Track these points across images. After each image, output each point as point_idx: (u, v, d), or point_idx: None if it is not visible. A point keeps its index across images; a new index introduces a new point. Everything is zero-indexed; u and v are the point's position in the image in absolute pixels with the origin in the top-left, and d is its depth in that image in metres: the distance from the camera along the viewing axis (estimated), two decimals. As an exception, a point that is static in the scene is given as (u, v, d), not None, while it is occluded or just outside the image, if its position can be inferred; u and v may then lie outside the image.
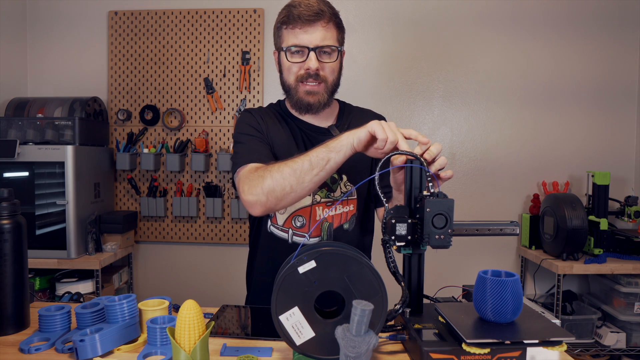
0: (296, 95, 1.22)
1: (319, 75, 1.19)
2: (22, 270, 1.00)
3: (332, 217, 1.25)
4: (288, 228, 1.24)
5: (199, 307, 0.78)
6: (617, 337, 2.19)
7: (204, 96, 2.62)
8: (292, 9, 1.17)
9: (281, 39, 1.21)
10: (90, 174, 2.34)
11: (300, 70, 1.19)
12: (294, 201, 1.05)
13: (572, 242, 2.14)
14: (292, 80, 1.21)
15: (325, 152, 0.99)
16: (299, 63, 1.18)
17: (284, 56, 1.20)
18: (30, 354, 0.87)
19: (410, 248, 0.91)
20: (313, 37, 1.16)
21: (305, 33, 1.16)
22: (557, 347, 0.76)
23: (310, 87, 1.19)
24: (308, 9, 1.15)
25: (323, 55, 1.18)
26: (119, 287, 2.50)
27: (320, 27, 1.16)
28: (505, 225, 0.92)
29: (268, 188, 1.02)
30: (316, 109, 1.23)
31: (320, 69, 1.18)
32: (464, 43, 2.57)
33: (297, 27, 1.16)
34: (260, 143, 1.20)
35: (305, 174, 1.00)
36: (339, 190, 1.25)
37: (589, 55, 2.55)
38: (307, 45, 1.16)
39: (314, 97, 1.20)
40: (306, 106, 1.22)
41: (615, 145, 2.56)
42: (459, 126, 2.60)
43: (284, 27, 1.19)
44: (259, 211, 1.06)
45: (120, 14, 2.63)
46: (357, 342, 0.71)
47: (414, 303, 0.94)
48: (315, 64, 1.17)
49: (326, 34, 1.17)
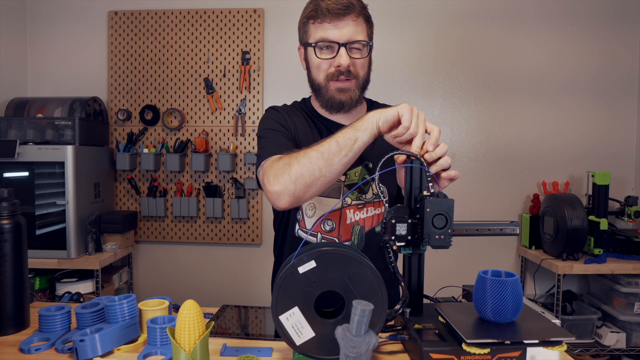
0: (327, 94, 1.16)
1: (351, 72, 1.13)
2: (22, 270, 1.00)
3: (363, 220, 1.20)
4: (317, 232, 1.20)
5: (199, 307, 0.78)
6: (617, 337, 2.19)
7: (204, 96, 2.62)
8: (320, 2, 1.11)
9: (308, 34, 1.16)
10: (90, 174, 2.34)
11: (331, 68, 1.13)
12: (324, 187, 0.99)
13: (572, 242, 2.14)
14: (322, 78, 1.16)
15: (352, 131, 0.96)
16: (328, 59, 1.13)
17: (312, 52, 1.14)
18: (30, 354, 0.87)
19: (410, 248, 0.91)
20: (343, 32, 1.10)
21: (335, 28, 1.10)
22: (557, 347, 0.76)
23: (341, 84, 1.14)
24: (337, 3, 1.09)
25: (353, 51, 1.13)
26: (119, 287, 2.50)
27: (350, 20, 1.10)
28: (505, 225, 0.92)
29: (296, 174, 0.96)
30: (348, 107, 1.18)
31: (351, 65, 1.12)
32: (464, 43, 2.57)
33: (326, 21, 1.10)
34: (286, 138, 1.15)
35: (334, 156, 0.95)
36: (370, 192, 1.21)
37: (589, 51, 2.55)
38: (337, 40, 1.11)
39: (345, 95, 1.15)
40: (338, 104, 1.17)
41: (616, 140, 2.55)
42: (459, 126, 2.60)
43: (310, 22, 1.14)
44: (286, 201, 0.98)
45: (120, 14, 2.63)
46: (357, 342, 0.70)
47: (414, 303, 0.94)
48: (347, 60, 1.11)
49: (357, 28, 1.11)
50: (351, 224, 1.19)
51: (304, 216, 1.20)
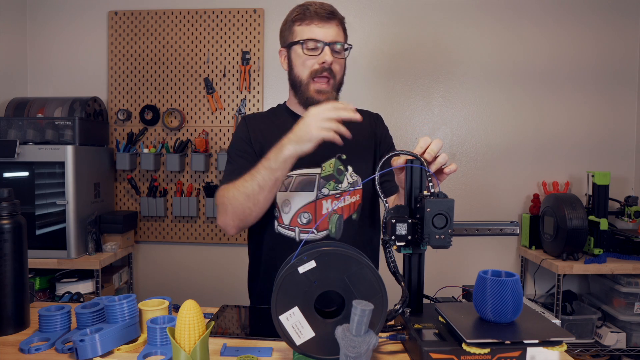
0: (307, 93, 1.26)
1: (332, 70, 1.24)
2: (22, 270, 1.00)
3: (341, 209, 1.27)
4: (294, 226, 1.25)
5: (199, 307, 0.78)
6: (617, 337, 2.19)
7: (204, 96, 2.62)
8: (307, 6, 1.24)
9: (293, 35, 1.26)
10: (90, 174, 2.34)
11: (315, 65, 1.23)
12: (259, 216, 1.18)
13: (572, 242, 2.14)
14: (305, 75, 1.25)
15: (269, 173, 1.10)
16: (314, 56, 1.23)
17: (298, 50, 1.25)
18: (30, 354, 0.87)
19: (410, 248, 0.91)
20: (328, 32, 1.23)
21: (322, 29, 1.23)
22: (557, 347, 0.76)
23: (320, 85, 1.25)
24: (323, 8, 1.24)
25: (335, 52, 1.25)
26: (119, 287, 2.50)
27: (334, 25, 1.25)
28: (505, 225, 0.92)
29: (232, 213, 1.17)
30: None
31: (333, 63, 1.24)
32: (464, 43, 2.57)
33: (314, 23, 1.23)
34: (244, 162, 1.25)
35: (258, 195, 1.12)
36: (345, 181, 1.28)
37: (589, 48, 2.54)
38: (322, 39, 1.22)
39: (323, 96, 1.25)
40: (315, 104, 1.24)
41: (616, 139, 2.55)
42: (459, 126, 2.60)
43: (297, 24, 1.25)
44: (232, 232, 1.20)
45: (120, 14, 2.63)
46: (357, 342, 0.71)
47: (414, 303, 0.94)
48: (331, 57, 1.22)
49: (338, 32, 1.26)
50: (327, 214, 1.26)
51: (281, 212, 1.27)
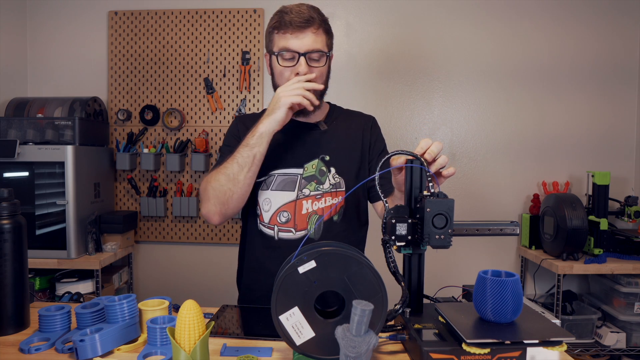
0: None
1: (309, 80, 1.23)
2: (22, 270, 1.00)
3: (322, 210, 1.28)
4: (273, 225, 1.27)
5: (199, 307, 0.78)
6: (617, 337, 2.19)
7: (204, 96, 2.62)
8: (283, 14, 1.22)
9: (272, 43, 1.25)
10: (90, 174, 2.34)
11: (291, 75, 1.23)
12: (241, 199, 1.19)
13: (572, 242, 2.14)
14: (283, 84, 1.24)
15: (247, 150, 1.15)
16: (290, 67, 1.23)
17: (275, 60, 1.25)
18: (30, 354, 0.87)
19: (410, 248, 0.91)
20: (303, 42, 1.21)
21: (296, 38, 1.21)
22: (557, 347, 0.76)
23: None
24: (299, 16, 1.20)
25: (312, 61, 1.23)
26: (119, 287, 2.50)
27: (310, 33, 1.21)
28: (505, 225, 0.92)
29: (213, 198, 1.18)
30: (305, 113, 1.27)
31: (309, 73, 1.22)
32: (464, 43, 2.57)
33: (289, 32, 1.21)
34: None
35: (238, 175, 1.16)
36: (327, 182, 1.28)
37: (589, 46, 2.54)
38: (297, 50, 1.21)
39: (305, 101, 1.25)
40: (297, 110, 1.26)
41: (616, 139, 2.55)
42: (459, 126, 2.60)
43: (275, 32, 1.24)
44: (216, 220, 1.20)
45: (120, 14, 2.63)
46: (357, 342, 0.70)
47: (414, 303, 0.94)
48: (305, 68, 1.21)
49: (316, 39, 1.22)
50: (307, 214, 1.27)
51: (262, 211, 1.29)
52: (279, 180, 1.28)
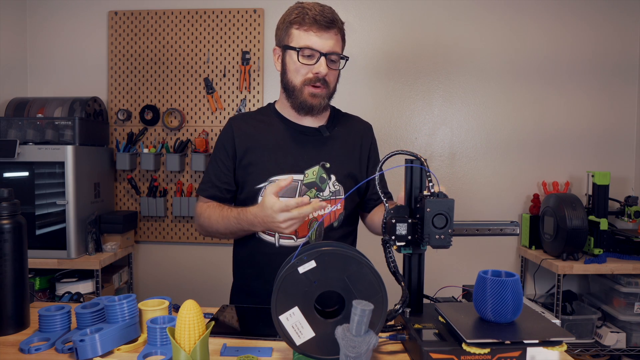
0: (301, 97, 1.25)
1: (326, 81, 1.23)
2: (22, 270, 1.00)
3: (321, 217, 1.28)
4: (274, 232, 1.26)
5: (199, 307, 0.78)
6: (617, 337, 2.19)
7: (204, 96, 2.62)
8: (307, 10, 1.20)
9: (290, 38, 1.23)
10: (90, 174, 2.34)
11: (309, 74, 1.22)
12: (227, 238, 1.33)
13: (572, 242, 2.14)
14: (298, 81, 1.24)
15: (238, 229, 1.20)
16: (308, 65, 1.21)
17: (293, 56, 1.22)
18: (30, 354, 0.87)
19: (410, 248, 0.91)
20: (326, 43, 1.20)
21: (319, 38, 1.19)
22: (557, 347, 0.76)
23: (314, 89, 1.23)
24: (323, 15, 1.19)
25: (330, 62, 1.23)
26: (119, 287, 2.50)
27: (332, 34, 1.21)
28: (505, 225, 0.92)
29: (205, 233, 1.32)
30: (317, 111, 1.28)
31: (327, 74, 1.22)
32: (464, 42, 2.57)
33: (312, 30, 1.19)
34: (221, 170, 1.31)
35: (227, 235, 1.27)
36: (327, 189, 1.28)
37: (589, 44, 2.54)
38: (320, 49, 1.20)
39: (316, 100, 1.25)
40: (309, 108, 1.26)
41: (616, 139, 2.55)
42: (458, 126, 2.60)
43: (294, 27, 1.21)
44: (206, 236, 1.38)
45: (120, 14, 2.63)
46: (357, 342, 0.70)
47: (414, 303, 0.94)
48: (326, 69, 1.21)
49: (337, 42, 1.23)
50: (308, 221, 1.26)
51: None
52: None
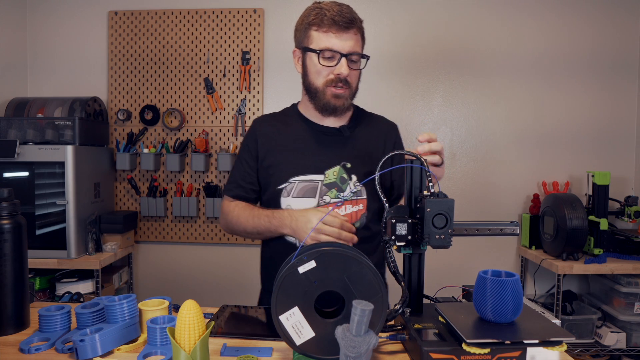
0: (324, 99, 1.24)
1: (347, 81, 1.22)
2: (22, 270, 1.00)
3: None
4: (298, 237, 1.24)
5: (199, 307, 0.78)
6: (617, 337, 2.19)
7: (204, 96, 2.62)
8: (325, 11, 1.18)
9: (309, 40, 1.23)
10: (90, 174, 2.34)
11: (330, 75, 1.22)
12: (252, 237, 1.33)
13: (572, 242, 2.14)
14: (320, 83, 1.24)
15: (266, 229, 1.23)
16: (329, 67, 1.21)
17: (313, 58, 1.22)
18: (30, 354, 0.87)
19: (410, 248, 0.91)
20: (346, 44, 1.19)
21: (339, 39, 1.18)
22: (557, 347, 0.76)
23: (337, 90, 1.23)
24: (342, 16, 1.17)
25: (351, 62, 1.21)
26: (119, 287, 2.50)
27: (352, 34, 1.20)
28: (505, 225, 0.92)
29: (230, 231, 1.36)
30: (340, 112, 1.27)
31: (348, 75, 1.21)
32: (463, 42, 2.57)
33: (332, 31, 1.18)
34: (246, 170, 1.33)
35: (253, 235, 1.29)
36: (348, 189, 1.26)
37: (589, 42, 2.54)
38: (340, 50, 1.19)
39: (339, 101, 1.24)
40: (332, 109, 1.25)
41: (616, 139, 2.55)
42: (458, 126, 2.60)
43: (313, 28, 1.21)
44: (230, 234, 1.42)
45: (120, 14, 2.63)
46: (357, 342, 0.70)
47: (414, 303, 0.94)
48: (347, 70, 1.20)
49: (357, 41, 1.21)
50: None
51: None
52: (300, 187, 1.25)
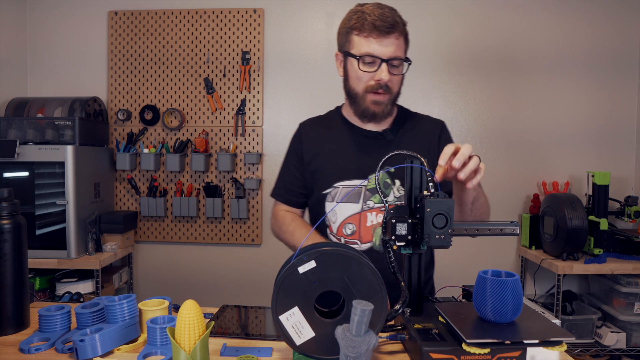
0: (363, 104, 1.24)
1: (388, 87, 1.21)
2: (22, 270, 1.00)
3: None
4: (340, 236, 1.26)
5: (199, 307, 0.78)
6: (617, 337, 2.19)
7: (204, 96, 2.62)
8: (365, 15, 1.16)
9: (350, 44, 1.21)
10: (90, 174, 2.34)
11: (370, 81, 1.20)
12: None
13: (572, 242, 2.14)
14: (360, 89, 1.23)
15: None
16: (370, 73, 1.20)
17: (354, 63, 1.21)
18: (30, 354, 0.87)
19: (410, 248, 0.91)
20: (387, 49, 1.17)
21: (379, 44, 1.16)
22: (557, 347, 0.76)
23: (377, 97, 1.22)
24: (383, 20, 1.15)
25: (393, 68, 1.20)
26: (119, 287, 2.50)
27: (393, 38, 1.17)
28: (505, 225, 0.92)
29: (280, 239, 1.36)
30: (380, 118, 1.26)
31: (389, 80, 1.20)
32: (462, 41, 2.57)
33: (372, 36, 1.16)
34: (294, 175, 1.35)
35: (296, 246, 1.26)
36: (392, 194, 1.26)
37: (589, 40, 2.54)
38: (380, 56, 1.17)
39: (379, 107, 1.23)
40: (371, 115, 1.25)
41: (616, 139, 2.55)
42: (459, 126, 2.60)
43: (354, 33, 1.19)
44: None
45: (120, 14, 2.63)
46: (357, 342, 0.70)
47: (414, 303, 0.94)
48: (387, 76, 1.18)
49: (398, 45, 1.19)
50: (372, 226, 1.25)
51: (330, 222, 1.29)
52: (344, 192, 1.26)
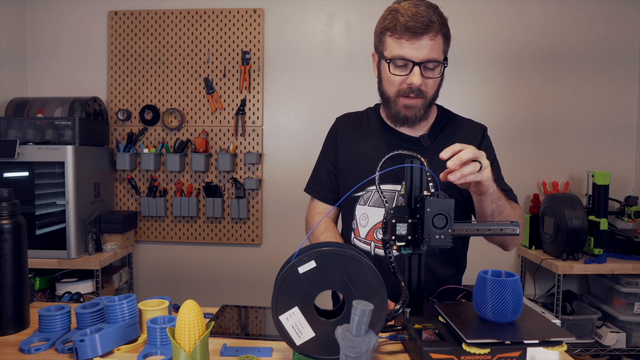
0: (395, 108, 1.20)
1: (421, 91, 1.16)
2: (22, 270, 1.00)
3: None
4: (370, 240, 1.24)
5: (199, 307, 0.78)
6: (617, 337, 2.19)
7: (204, 96, 2.62)
8: (398, 16, 1.11)
9: (384, 46, 1.17)
10: (90, 174, 2.34)
11: (403, 85, 1.15)
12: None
13: (572, 242, 2.14)
14: (392, 92, 1.19)
15: None
16: (402, 76, 1.15)
17: (386, 66, 1.16)
18: (30, 354, 0.87)
19: (410, 248, 0.91)
20: (420, 52, 1.11)
21: (412, 46, 1.10)
22: (557, 347, 0.76)
23: (409, 101, 1.17)
24: (416, 20, 1.08)
25: (427, 70, 1.14)
26: (119, 287, 2.50)
27: (427, 39, 1.10)
28: (505, 225, 0.92)
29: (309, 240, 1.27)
30: (412, 123, 1.21)
31: (422, 84, 1.14)
32: (461, 41, 2.57)
33: (404, 38, 1.10)
34: (330, 170, 1.33)
35: None
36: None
37: (589, 39, 2.54)
38: (412, 59, 1.11)
39: (411, 112, 1.19)
40: (402, 119, 1.20)
41: (616, 138, 2.56)
42: (459, 126, 2.60)
43: (388, 34, 1.15)
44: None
45: (120, 14, 2.63)
46: (357, 342, 0.70)
47: (414, 303, 0.94)
48: (419, 80, 1.13)
49: (433, 47, 1.11)
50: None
51: (358, 225, 1.26)
52: (376, 197, 1.23)
